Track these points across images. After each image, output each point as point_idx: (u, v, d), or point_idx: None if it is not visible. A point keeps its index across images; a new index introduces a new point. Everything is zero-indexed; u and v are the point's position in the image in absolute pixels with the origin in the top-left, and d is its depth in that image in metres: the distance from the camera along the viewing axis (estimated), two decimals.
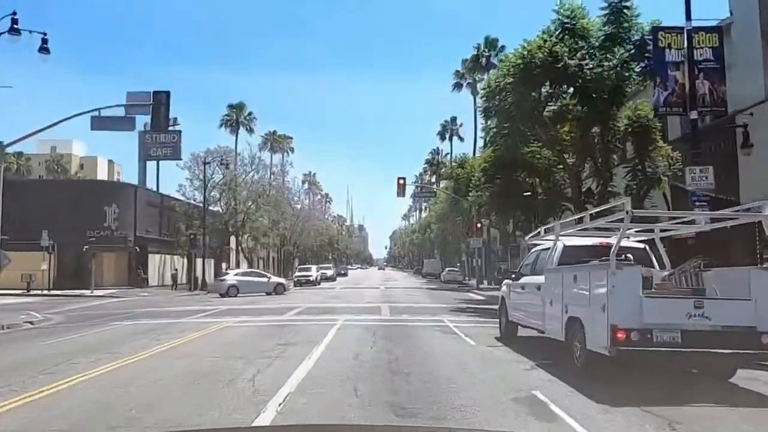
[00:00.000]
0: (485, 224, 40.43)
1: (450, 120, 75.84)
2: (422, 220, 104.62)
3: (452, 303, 25.77)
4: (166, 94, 18.93)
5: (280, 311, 20.72)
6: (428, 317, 18.31)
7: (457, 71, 55.45)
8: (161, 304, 27.26)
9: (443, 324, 16.25)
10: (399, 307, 22.17)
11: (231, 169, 49.21)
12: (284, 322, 17.00)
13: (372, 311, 20.50)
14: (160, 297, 36.18)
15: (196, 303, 27.24)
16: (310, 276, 47.27)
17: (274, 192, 58.14)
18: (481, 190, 27.62)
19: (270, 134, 75.48)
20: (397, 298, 28.60)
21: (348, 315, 18.92)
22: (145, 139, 51.61)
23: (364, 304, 24.63)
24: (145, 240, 46.25)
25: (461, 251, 65.54)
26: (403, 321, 17.09)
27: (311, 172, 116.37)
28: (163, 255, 49.80)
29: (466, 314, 19.92)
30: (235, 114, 60.73)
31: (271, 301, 27.45)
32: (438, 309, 21.88)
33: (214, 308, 23.08)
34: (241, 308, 22.95)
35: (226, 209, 50.37)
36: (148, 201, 48.34)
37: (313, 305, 23.70)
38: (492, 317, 17.93)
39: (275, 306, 23.72)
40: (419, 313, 19.68)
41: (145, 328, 15.77)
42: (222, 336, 14.01)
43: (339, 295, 32.40)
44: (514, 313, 12.92)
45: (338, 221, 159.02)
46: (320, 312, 20.23)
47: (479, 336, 13.60)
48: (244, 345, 12.10)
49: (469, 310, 21.51)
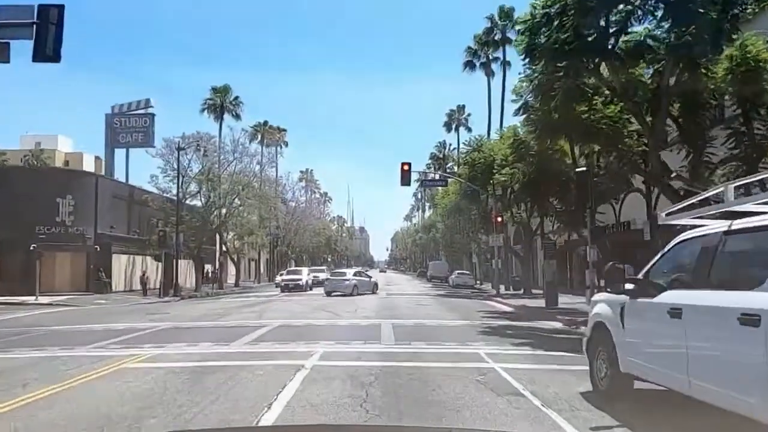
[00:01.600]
0: (507, 218, 33.93)
1: (457, 109, 69.50)
2: (426, 219, 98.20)
3: (477, 317, 19.34)
4: (59, 9, 12.52)
5: (236, 334, 14.33)
6: (454, 346, 11.87)
7: (468, 48, 49.00)
8: (94, 318, 20.86)
9: (482, 362, 9.85)
10: (407, 327, 15.74)
11: (209, 156, 42.77)
12: (223, 358, 10.56)
13: (368, 333, 14.07)
14: (113, 305, 29.83)
15: (144, 317, 20.88)
16: (298, 280, 40.72)
17: (259, 184, 51.74)
18: (513, 169, 21.28)
19: (261, 125, 68.94)
20: (403, 310, 22.16)
21: (331, 342, 12.51)
22: (112, 123, 45.41)
23: (358, 319, 18.19)
24: (108, 238, 39.86)
25: (471, 252, 59.05)
26: (417, 355, 10.66)
27: (308, 169, 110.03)
28: (132, 256, 43.40)
29: (505, 338, 13.49)
30: (219, 98, 54.13)
31: (238, 314, 21.05)
32: (463, 329, 15.44)
33: (153, 326, 16.73)
34: (188, 327, 16.60)
35: (205, 203, 43.97)
36: (114, 193, 41.94)
37: (289, 322, 17.28)
38: (543, 341, 12.86)
39: (237, 323, 17.34)
40: (438, 338, 13.25)
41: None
42: (90, 393, 7.62)
43: (329, 304, 25.95)
44: (635, 359, 6.51)
45: (338, 221, 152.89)
46: (292, 336, 13.79)
47: (557, 393, 7.25)
48: None
49: (507, 332, 15.06)
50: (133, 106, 46.18)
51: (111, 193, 41.28)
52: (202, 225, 42.94)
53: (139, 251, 42.52)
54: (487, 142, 34.23)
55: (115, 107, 45.81)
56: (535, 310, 22.75)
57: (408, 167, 32.15)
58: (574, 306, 24.08)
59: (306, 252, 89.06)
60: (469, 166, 33.73)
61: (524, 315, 21.01)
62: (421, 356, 10.50)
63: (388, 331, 14.55)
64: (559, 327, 16.84)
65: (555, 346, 12.17)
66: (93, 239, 38.49)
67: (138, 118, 45.68)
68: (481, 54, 48.57)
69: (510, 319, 19.03)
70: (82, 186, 38.87)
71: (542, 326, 16.94)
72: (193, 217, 42.86)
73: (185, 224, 41.61)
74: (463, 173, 35.16)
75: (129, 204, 43.97)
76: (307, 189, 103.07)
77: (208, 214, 43.55)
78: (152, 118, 45.85)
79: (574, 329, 16.24)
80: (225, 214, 45.52)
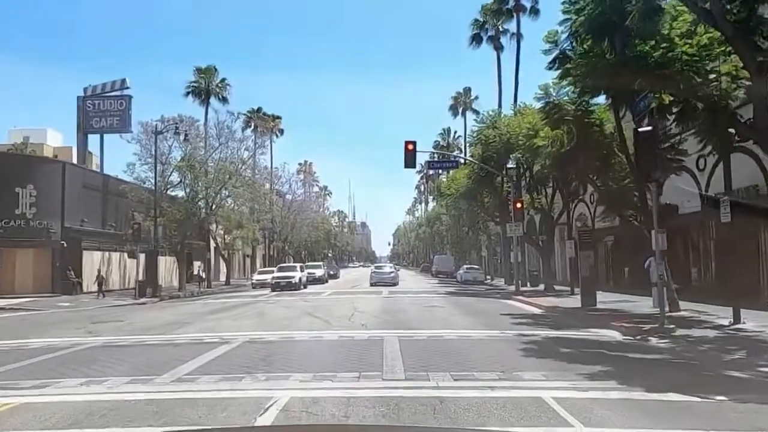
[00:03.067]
0: (528, 204, 29.60)
1: (463, 91, 64.91)
2: (430, 212, 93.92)
3: (506, 324, 15.09)
4: None
5: (177, 357, 10.10)
6: (497, 383, 7.55)
7: (475, 20, 44.32)
8: (22, 328, 16.65)
9: (560, 426, 5.61)
10: (419, 342, 11.49)
11: (192, 141, 38.42)
12: (114, 418, 6.30)
13: (364, 356, 9.83)
14: (71, 310, 25.59)
15: (87, 326, 16.72)
16: (291, 278, 36.36)
17: (251, 173, 47.43)
18: (555, 131, 17.08)
19: (253, 112, 64.44)
20: (411, 315, 17.82)
21: (307, 375, 8.20)
22: (85, 106, 41.08)
23: (353, 330, 13.88)
24: (78, 233, 35.59)
25: (480, 244, 54.77)
26: (444, 405, 6.37)
27: (306, 161, 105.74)
28: (107, 252, 39.14)
29: (564, 361, 9.22)
30: (204, 80, 49.60)
31: (205, 322, 16.81)
32: (497, 346, 11.15)
33: (80, 343, 12.55)
34: (124, 345, 12.41)
35: (188, 193, 39.67)
36: (86, 183, 37.60)
37: (261, 336, 13.01)
38: (626, 368, 8.86)
39: (192, 338, 13.11)
40: (468, 364, 8.98)
41: None
42: None
43: (320, 306, 21.67)
44: None
45: (338, 216, 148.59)
46: (255, 362, 9.53)
47: None
48: None
49: (561, 349, 10.76)
50: (107, 88, 41.76)
51: (81, 182, 36.96)
52: (185, 218, 38.67)
53: (116, 247, 38.28)
54: (503, 117, 29.90)
55: (87, 89, 41.45)
56: (571, 313, 18.53)
57: (413, 146, 27.73)
58: (616, 306, 19.89)
59: (305, 247, 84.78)
60: (483, 145, 29.43)
61: (563, 319, 16.76)
62: (451, 408, 6.23)
63: (394, 351, 10.28)
64: (621, 339, 12.59)
65: (651, 376, 7.95)
66: (59, 234, 34.26)
67: (113, 100, 41.28)
68: (489, 27, 44.07)
69: (549, 326, 14.75)
70: (46, 174, 34.54)
71: (598, 337, 12.71)
72: (177, 209, 38.61)
73: (166, 216, 37.40)
74: (475, 154, 30.86)
75: (104, 195, 39.67)
76: (306, 182, 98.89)
77: (192, 205, 39.28)
78: (129, 100, 41.40)
79: (644, 341, 12.03)
80: (211, 205, 41.29)
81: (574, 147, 17.66)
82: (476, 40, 44.73)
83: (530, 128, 20.93)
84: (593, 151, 17.90)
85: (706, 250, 23.04)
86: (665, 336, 12.52)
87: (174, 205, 38.93)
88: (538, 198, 29.40)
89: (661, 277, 13.19)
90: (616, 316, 16.65)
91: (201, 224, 41.76)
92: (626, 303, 20.95)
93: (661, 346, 11.42)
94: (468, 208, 39.73)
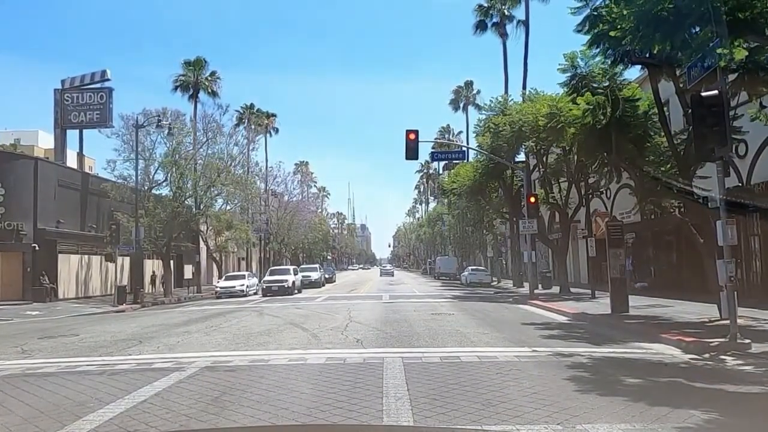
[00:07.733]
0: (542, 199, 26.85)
1: (465, 85, 62.24)
2: (431, 212, 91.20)
3: (534, 338, 12.37)
4: None
5: (98, 398, 7.41)
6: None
7: (479, 6, 41.59)
8: None
9: None
10: (430, 367, 8.78)
11: (176, 136, 35.71)
12: None
13: (356, 392, 7.13)
14: (35, 320, 22.88)
15: (34, 341, 14.09)
16: (283, 282, 33.66)
17: (245, 170, 44.77)
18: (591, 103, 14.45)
19: (247, 108, 61.77)
20: (416, 326, 15.01)
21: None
22: (63, 99, 38.39)
23: (344, 349, 11.14)
24: (53, 234, 32.91)
25: (486, 244, 52.06)
26: None
27: (303, 161, 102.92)
28: (87, 256, 36.44)
29: (633, 399, 6.50)
30: (192, 73, 46.81)
31: (170, 337, 14.10)
32: (534, 372, 8.39)
33: (31, 364, 9.84)
34: (50, 372, 9.68)
35: (174, 191, 36.96)
36: (62, 181, 34.88)
37: (227, 358, 10.32)
38: (720, 412, 6.07)
39: (144, 361, 10.41)
40: (502, 407, 6.27)
41: None
42: None
43: (311, 315, 18.93)
44: None
45: (337, 217, 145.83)
46: (203, 405, 6.81)
47: None
48: None
49: (619, 376, 8.06)
50: (86, 79, 39.03)
51: (56, 181, 34.25)
52: (171, 218, 35.96)
53: (97, 250, 35.58)
54: (514, 104, 27.17)
55: (66, 81, 38.73)
56: (603, 320, 15.83)
57: (415, 136, 25.01)
58: (651, 312, 17.23)
59: (303, 249, 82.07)
60: (492, 134, 26.70)
61: (597, 329, 14.04)
62: None
63: (398, 382, 7.55)
64: (686, 358, 9.85)
65: None
66: (32, 236, 31.57)
67: (93, 93, 38.51)
68: (494, 13, 41.36)
69: (586, 341, 12.03)
70: (16, 171, 31.85)
71: (656, 356, 9.99)
72: (162, 209, 35.92)
73: (149, 216, 34.74)
74: (483, 144, 28.13)
75: (83, 195, 37.01)
76: (303, 182, 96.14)
77: (179, 204, 36.58)
78: (109, 92, 38.66)
79: (717, 362, 9.34)
80: (199, 204, 38.59)
81: (606, 126, 14.97)
82: (480, 27, 42.04)
83: (553, 105, 18.18)
84: (628, 129, 15.21)
85: (748, 247, 20.44)
86: (741, 354, 9.85)
87: (159, 205, 36.28)
88: (552, 193, 26.70)
89: (732, 278, 10.47)
90: (660, 325, 13.97)
91: (189, 224, 39.06)
92: (661, 308, 18.28)
93: (746, 370, 8.72)
94: (473, 205, 37.01)
